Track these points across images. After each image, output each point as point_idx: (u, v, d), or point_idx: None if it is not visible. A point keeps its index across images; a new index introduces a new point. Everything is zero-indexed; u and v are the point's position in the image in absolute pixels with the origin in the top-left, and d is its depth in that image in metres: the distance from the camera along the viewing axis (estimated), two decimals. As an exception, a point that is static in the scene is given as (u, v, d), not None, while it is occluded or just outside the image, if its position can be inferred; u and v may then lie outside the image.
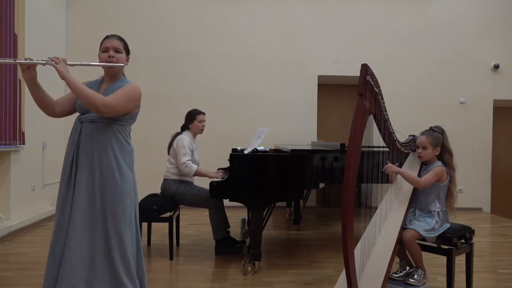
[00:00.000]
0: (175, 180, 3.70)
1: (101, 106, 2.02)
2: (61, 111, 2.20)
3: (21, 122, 4.55)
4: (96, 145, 2.11)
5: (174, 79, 6.14)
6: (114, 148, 2.13)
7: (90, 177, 2.10)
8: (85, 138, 2.12)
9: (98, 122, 2.12)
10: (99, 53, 2.21)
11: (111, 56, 2.17)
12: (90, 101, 2.01)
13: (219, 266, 3.45)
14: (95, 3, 6.11)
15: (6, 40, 4.32)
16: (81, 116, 2.17)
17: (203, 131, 3.95)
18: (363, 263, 2.43)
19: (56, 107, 2.17)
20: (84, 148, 2.11)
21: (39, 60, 1.99)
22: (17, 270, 3.24)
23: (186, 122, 3.91)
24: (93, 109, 2.04)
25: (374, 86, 2.27)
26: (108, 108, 2.04)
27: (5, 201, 4.51)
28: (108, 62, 2.17)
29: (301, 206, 4.99)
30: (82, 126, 2.14)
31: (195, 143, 3.88)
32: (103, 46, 2.20)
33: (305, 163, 3.24)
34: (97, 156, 2.10)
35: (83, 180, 2.09)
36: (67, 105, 2.21)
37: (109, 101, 2.05)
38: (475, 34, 6.47)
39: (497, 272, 3.41)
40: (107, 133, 2.13)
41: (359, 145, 2.20)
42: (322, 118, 6.57)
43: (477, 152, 6.40)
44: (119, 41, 2.22)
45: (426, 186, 2.60)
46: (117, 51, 2.19)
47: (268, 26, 6.27)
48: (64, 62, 2.02)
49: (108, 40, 2.20)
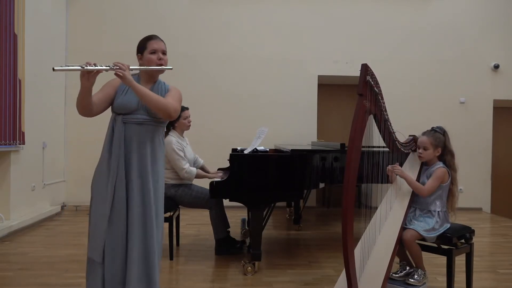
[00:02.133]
0: (173, 184, 3.66)
1: (173, 111, 2.08)
2: (97, 110, 2.14)
3: (21, 122, 4.55)
4: (146, 146, 2.12)
5: (174, 79, 6.08)
6: (157, 148, 2.17)
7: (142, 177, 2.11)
8: (132, 140, 2.11)
9: (147, 124, 2.12)
10: (146, 55, 2.18)
11: (161, 58, 2.18)
12: (162, 106, 2.03)
13: (219, 266, 3.45)
14: (95, 3, 6.11)
15: (6, 40, 4.32)
16: (124, 117, 2.12)
17: (190, 127, 3.83)
18: (363, 263, 2.43)
19: (93, 108, 2.11)
20: (133, 150, 2.10)
21: (103, 66, 1.95)
22: (17, 270, 3.24)
23: (171, 121, 3.82)
24: (164, 115, 2.07)
25: (374, 86, 2.26)
26: (177, 113, 2.12)
27: (5, 201, 4.52)
28: (158, 64, 2.17)
29: (301, 206, 4.99)
30: (126, 127, 2.11)
31: (184, 139, 3.81)
32: (151, 48, 2.17)
33: (305, 163, 3.24)
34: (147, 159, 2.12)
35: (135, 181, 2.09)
36: (103, 104, 2.15)
37: (176, 106, 2.11)
38: (475, 34, 6.47)
39: (497, 272, 3.41)
40: (154, 134, 2.17)
41: (359, 145, 2.20)
42: (322, 118, 6.57)
43: (477, 152, 6.40)
44: (164, 43, 2.24)
45: (430, 193, 2.59)
46: (164, 53, 2.21)
47: (268, 26, 6.27)
48: (128, 69, 2.00)
49: (155, 41, 2.19)
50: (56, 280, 3.02)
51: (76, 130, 5.83)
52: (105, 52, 5.87)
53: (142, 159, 2.12)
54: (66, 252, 3.69)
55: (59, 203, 5.77)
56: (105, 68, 1.95)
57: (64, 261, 3.44)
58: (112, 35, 6.06)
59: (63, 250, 3.78)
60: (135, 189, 2.09)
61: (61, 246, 3.94)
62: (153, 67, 2.17)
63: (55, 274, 3.13)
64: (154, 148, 2.16)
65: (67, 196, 5.97)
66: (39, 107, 5.06)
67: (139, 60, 2.23)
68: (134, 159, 2.10)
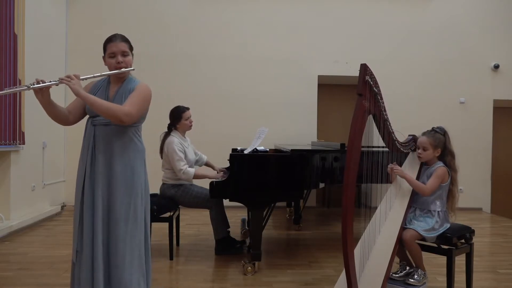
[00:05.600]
0: (173, 184, 3.67)
1: (123, 116, 2.04)
2: (74, 118, 2.19)
3: (21, 122, 4.55)
4: (112, 147, 2.12)
5: (174, 79, 6.14)
6: (128, 149, 2.16)
7: (106, 179, 2.11)
8: (100, 140, 2.13)
9: (113, 125, 2.12)
10: (106, 58, 2.18)
11: (119, 62, 2.14)
12: (111, 114, 2.02)
13: (219, 266, 3.45)
14: (95, 3, 6.11)
15: (6, 40, 4.32)
16: (93, 119, 2.15)
17: (191, 127, 3.83)
18: (363, 263, 2.43)
19: (69, 116, 2.15)
20: (100, 151, 2.12)
21: (51, 81, 1.98)
22: (17, 270, 3.24)
23: (172, 122, 3.77)
24: (115, 121, 2.05)
25: (374, 86, 2.26)
26: (130, 117, 2.06)
27: (5, 201, 4.52)
28: (117, 68, 2.14)
29: (301, 206, 4.99)
30: (96, 129, 2.14)
31: (186, 140, 3.80)
32: (109, 51, 2.15)
33: (305, 163, 3.24)
34: (113, 158, 2.12)
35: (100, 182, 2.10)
36: (78, 111, 2.19)
37: (130, 110, 2.06)
38: (475, 34, 6.47)
39: (497, 272, 3.41)
40: (122, 135, 2.15)
41: (359, 145, 2.20)
42: (322, 118, 6.57)
43: (477, 152, 6.39)
44: (124, 43, 2.17)
45: (432, 192, 2.59)
46: (124, 54, 2.16)
47: (269, 26, 6.27)
48: (77, 79, 2.01)
49: (113, 44, 2.14)
50: (56, 280, 3.02)
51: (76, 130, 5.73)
52: (105, 52, 5.87)
53: (109, 158, 2.12)
54: (66, 252, 3.69)
55: (59, 203, 5.77)
56: (54, 83, 1.99)
57: (64, 261, 3.44)
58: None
59: (63, 250, 3.78)
60: (99, 191, 2.10)
61: (61, 246, 3.94)
62: (105, 73, 2.14)
63: (55, 274, 3.13)
64: (124, 147, 2.14)
65: (67, 196, 5.97)
66: (39, 107, 4.98)
67: (104, 62, 2.21)
68: (101, 159, 2.11)
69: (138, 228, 2.16)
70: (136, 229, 2.15)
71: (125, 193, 2.13)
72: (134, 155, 2.18)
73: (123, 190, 2.12)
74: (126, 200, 2.13)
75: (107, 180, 2.12)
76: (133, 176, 2.16)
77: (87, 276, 2.07)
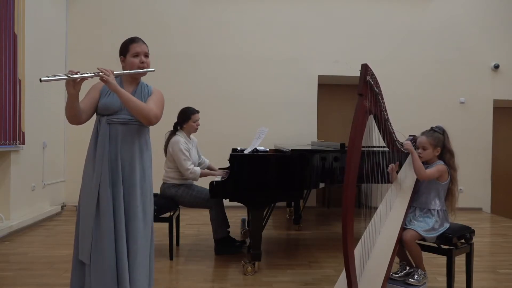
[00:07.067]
0: (174, 184, 3.68)
1: (153, 118, 2.10)
2: (86, 117, 2.18)
3: (21, 122, 4.54)
4: (133, 147, 2.14)
5: (174, 79, 6.14)
6: (143, 147, 2.19)
7: (127, 179, 2.12)
8: (119, 140, 2.12)
9: (131, 124, 2.14)
10: (128, 58, 2.20)
11: (143, 62, 2.20)
12: (144, 113, 2.07)
13: (219, 266, 3.45)
14: (95, 3, 6.11)
15: (6, 40, 4.32)
16: (109, 117, 2.14)
17: (197, 130, 3.86)
18: (363, 263, 2.43)
19: (83, 115, 2.13)
20: (119, 150, 2.12)
21: (88, 73, 1.97)
22: (17, 270, 3.23)
23: (180, 121, 3.80)
24: (144, 121, 2.10)
25: (374, 86, 2.26)
26: (157, 119, 2.14)
27: (5, 201, 4.51)
28: (140, 67, 2.19)
29: (301, 206, 4.99)
30: (111, 128, 2.13)
31: (190, 141, 3.82)
32: (134, 51, 2.19)
33: (305, 163, 3.24)
34: (133, 157, 2.14)
35: (119, 182, 2.10)
36: (90, 110, 2.17)
37: (158, 113, 2.14)
38: (475, 34, 6.47)
39: (497, 272, 3.41)
40: (143, 135, 2.20)
41: (359, 145, 2.20)
42: (322, 118, 6.57)
43: (477, 152, 6.40)
44: (146, 46, 2.26)
45: (427, 178, 2.60)
46: (146, 55, 2.23)
47: (268, 26, 6.27)
48: (112, 74, 2.02)
49: (137, 44, 2.21)
50: (56, 280, 3.02)
51: (76, 130, 5.74)
52: (105, 52, 5.84)
53: (126, 158, 2.13)
54: (66, 252, 3.69)
55: (59, 203, 5.77)
56: (90, 75, 1.98)
57: (64, 261, 3.44)
58: (112, 35, 6.05)
59: (63, 250, 3.78)
60: (120, 189, 2.10)
61: (61, 246, 3.94)
62: (136, 71, 2.18)
63: (55, 274, 3.13)
64: (139, 147, 2.18)
65: (67, 196, 5.97)
66: (39, 107, 5.06)
67: (121, 62, 2.25)
68: (119, 158, 2.12)
69: (148, 228, 2.19)
70: (146, 229, 2.17)
71: (140, 193, 2.15)
72: (147, 155, 2.22)
73: (139, 190, 2.14)
74: (141, 199, 2.15)
75: (127, 181, 2.12)
76: (145, 177, 2.19)
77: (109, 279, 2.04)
